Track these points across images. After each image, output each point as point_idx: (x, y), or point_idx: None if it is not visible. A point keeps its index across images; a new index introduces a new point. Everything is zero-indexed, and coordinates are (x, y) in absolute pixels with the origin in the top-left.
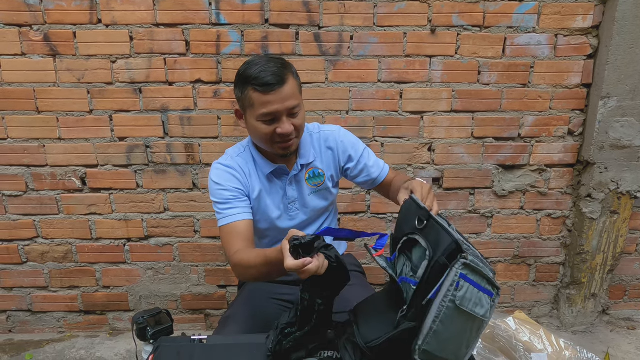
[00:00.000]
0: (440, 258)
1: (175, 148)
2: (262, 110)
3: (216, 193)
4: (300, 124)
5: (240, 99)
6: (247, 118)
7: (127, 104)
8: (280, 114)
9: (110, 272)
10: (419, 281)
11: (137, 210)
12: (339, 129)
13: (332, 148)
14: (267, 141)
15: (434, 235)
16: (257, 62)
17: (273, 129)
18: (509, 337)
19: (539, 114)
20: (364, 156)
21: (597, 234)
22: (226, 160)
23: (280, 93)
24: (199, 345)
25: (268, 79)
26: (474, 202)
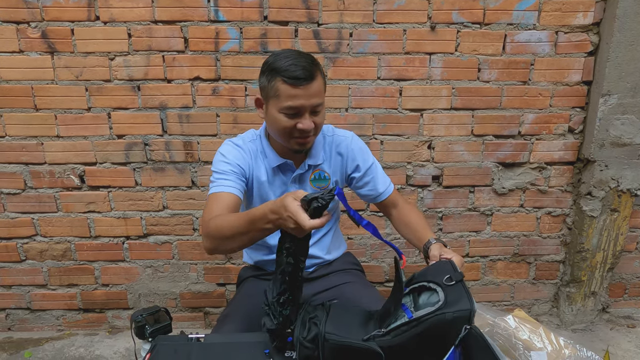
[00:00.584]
0: (449, 314)
1: (174, 146)
2: (288, 103)
3: (218, 163)
4: (321, 122)
5: (264, 87)
6: (269, 108)
7: (125, 102)
8: (304, 110)
9: (109, 270)
10: (414, 318)
11: (135, 208)
12: (352, 136)
13: (341, 154)
14: (285, 134)
15: (455, 294)
16: (288, 55)
17: (294, 123)
18: (508, 335)
19: (539, 112)
20: (372, 169)
21: (597, 232)
22: (238, 141)
23: (308, 89)
24: (196, 344)
25: (298, 73)
26: (474, 200)
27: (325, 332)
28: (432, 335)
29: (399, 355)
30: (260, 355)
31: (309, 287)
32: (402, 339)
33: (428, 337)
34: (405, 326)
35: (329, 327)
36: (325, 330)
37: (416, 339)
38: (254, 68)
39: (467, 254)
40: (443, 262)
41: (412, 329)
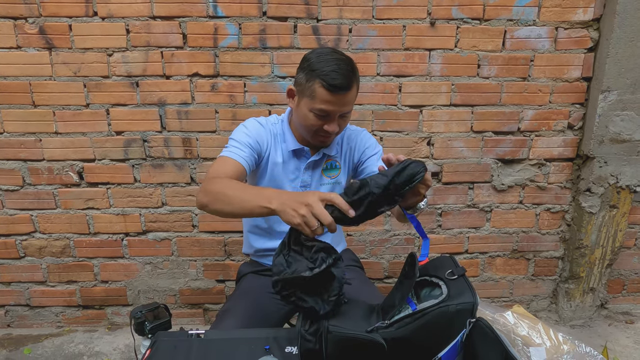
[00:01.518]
0: (452, 306)
1: (173, 142)
2: (321, 106)
3: (238, 133)
4: (345, 125)
5: (301, 84)
6: (301, 104)
7: (124, 98)
8: (334, 115)
9: (108, 267)
10: (418, 310)
11: (134, 204)
12: (362, 130)
13: (352, 146)
14: (310, 131)
15: (458, 288)
16: (331, 59)
17: (322, 124)
18: (507, 331)
19: (539, 108)
20: (377, 156)
21: (596, 228)
22: (262, 120)
23: (344, 98)
24: (196, 340)
25: (338, 82)
26: (473, 196)
27: (329, 325)
28: (435, 327)
29: (401, 347)
30: (260, 351)
31: None
32: (405, 331)
33: (431, 329)
34: (409, 318)
35: (332, 320)
36: (329, 322)
37: (419, 331)
38: (252, 64)
39: (467, 250)
40: (444, 257)
41: (416, 321)
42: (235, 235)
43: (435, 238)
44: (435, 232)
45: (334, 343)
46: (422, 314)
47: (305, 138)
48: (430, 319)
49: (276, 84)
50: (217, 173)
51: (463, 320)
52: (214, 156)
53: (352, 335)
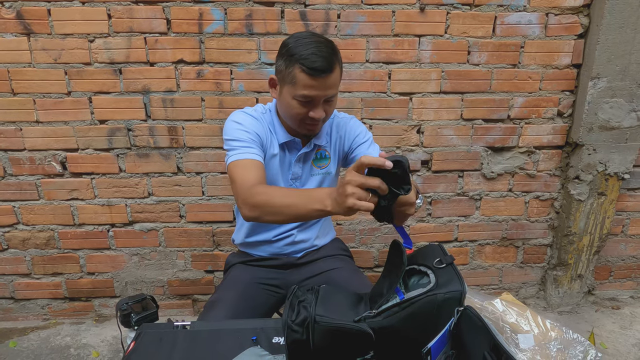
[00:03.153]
0: (440, 294)
1: (158, 131)
2: (303, 92)
3: (234, 132)
4: (332, 110)
5: (281, 71)
6: (283, 92)
7: (106, 86)
8: (319, 100)
9: (94, 258)
10: (406, 299)
11: (120, 195)
12: (351, 118)
13: (341, 135)
14: (295, 119)
15: (446, 277)
16: (309, 42)
17: (306, 111)
18: (495, 319)
19: (529, 95)
20: (367, 144)
21: (585, 216)
22: (251, 111)
23: (326, 81)
24: (182, 332)
25: (318, 64)
26: (463, 184)
27: (316, 315)
28: (422, 316)
29: (389, 337)
30: (247, 342)
31: (296, 273)
32: (393, 320)
33: (419, 318)
34: (397, 307)
35: (319, 310)
36: (316, 312)
37: (407, 320)
38: (239, 51)
39: (456, 239)
40: (433, 246)
41: (404, 310)
42: (223, 225)
43: (425, 227)
44: (425, 221)
45: (321, 333)
46: (410, 302)
47: (293, 128)
48: (418, 307)
49: (263, 71)
50: (248, 181)
51: (451, 308)
52: (201, 145)
53: (339, 325)
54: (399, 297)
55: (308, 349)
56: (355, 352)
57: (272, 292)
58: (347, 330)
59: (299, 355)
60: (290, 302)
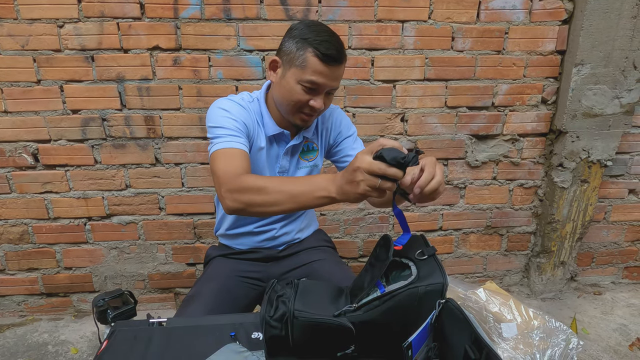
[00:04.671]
0: (421, 287)
1: (134, 121)
2: (312, 78)
3: (220, 119)
4: (329, 104)
5: (290, 53)
6: (287, 75)
7: (78, 74)
8: (322, 89)
9: (71, 253)
10: (387, 292)
11: (96, 187)
12: (336, 108)
13: (327, 126)
14: (293, 106)
15: (428, 269)
16: (322, 30)
17: (308, 98)
18: (479, 308)
19: (513, 82)
20: (352, 138)
21: (568, 203)
22: (238, 99)
23: (335, 71)
24: (157, 329)
25: (333, 52)
26: (448, 173)
27: (295, 310)
28: (404, 309)
29: (370, 331)
30: (226, 338)
31: (278, 265)
32: (373, 314)
33: (400, 311)
34: (378, 301)
35: (297, 305)
36: (295, 307)
37: (388, 314)
38: (217, 37)
39: (441, 227)
40: (414, 237)
41: (385, 304)
42: (204, 217)
43: (410, 216)
44: (410, 210)
45: (300, 328)
46: (391, 296)
47: (286, 117)
48: (399, 301)
49: (242, 58)
50: (234, 169)
51: (432, 301)
52: (179, 135)
53: (319, 320)
54: (379, 291)
55: (287, 344)
56: (336, 347)
57: (252, 286)
58: (327, 325)
59: (278, 351)
60: (268, 297)
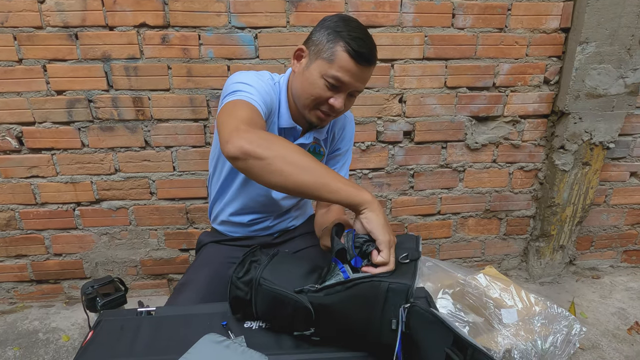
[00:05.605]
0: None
1: (122, 102)
2: (338, 74)
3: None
4: (350, 107)
5: (319, 43)
6: (312, 66)
7: (62, 52)
8: (346, 89)
9: (60, 239)
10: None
11: (84, 171)
12: (351, 119)
13: (336, 133)
14: (311, 101)
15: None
16: (359, 26)
17: (329, 95)
18: (479, 294)
19: (515, 62)
20: (344, 158)
21: (568, 186)
22: (266, 79)
23: (364, 72)
24: (146, 319)
25: (365, 51)
26: (446, 156)
27: (261, 277)
28: (364, 300)
29: (329, 316)
30: (217, 328)
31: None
32: (334, 299)
33: (360, 301)
34: (340, 286)
35: (266, 273)
36: (262, 275)
37: (348, 302)
38: (207, 13)
39: (439, 212)
40: (409, 237)
41: (346, 290)
42: (197, 202)
43: (407, 200)
44: (408, 194)
45: (262, 296)
46: (353, 283)
47: (302, 111)
48: (360, 290)
49: (234, 36)
50: (255, 122)
51: (396, 301)
52: (169, 117)
53: (279, 292)
54: (343, 276)
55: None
56: (295, 325)
57: None
58: (287, 300)
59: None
60: (243, 258)
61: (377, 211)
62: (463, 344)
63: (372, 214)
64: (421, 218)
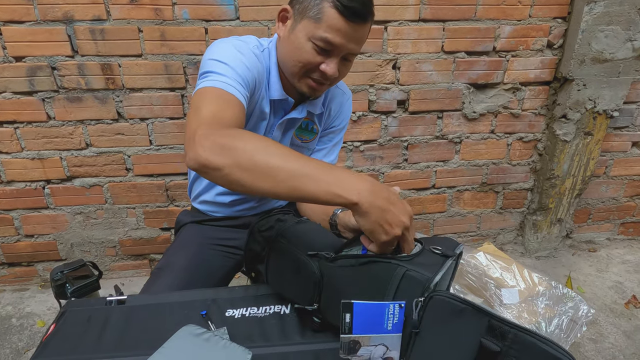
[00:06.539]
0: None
1: (90, 69)
2: (326, 35)
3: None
4: (345, 74)
5: (304, 1)
6: (297, 29)
7: (17, 13)
8: (339, 52)
9: (31, 219)
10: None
11: (52, 146)
12: (350, 97)
13: (332, 110)
14: (300, 69)
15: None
16: None
17: (319, 61)
18: (479, 274)
19: (517, 23)
20: (337, 137)
21: (569, 157)
22: (253, 47)
23: (358, 30)
24: (116, 309)
25: (357, 5)
26: (442, 126)
27: (280, 235)
28: (374, 281)
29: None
30: (196, 318)
31: None
32: (344, 272)
33: (370, 282)
34: (354, 260)
35: (287, 233)
36: (283, 234)
37: (357, 279)
38: None
39: (434, 185)
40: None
41: (360, 266)
42: (177, 178)
43: (401, 173)
44: (401, 167)
45: (275, 255)
46: (369, 259)
47: (291, 81)
48: (373, 269)
49: None
50: (226, 116)
51: (409, 292)
52: (143, 86)
53: (292, 252)
54: (362, 252)
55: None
56: (299, 296)
57: (229, 255)
58: (297, 262)
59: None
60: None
61: (366, 213)
62: (502, 329)
63: (361, 218)
64: (415, 192)
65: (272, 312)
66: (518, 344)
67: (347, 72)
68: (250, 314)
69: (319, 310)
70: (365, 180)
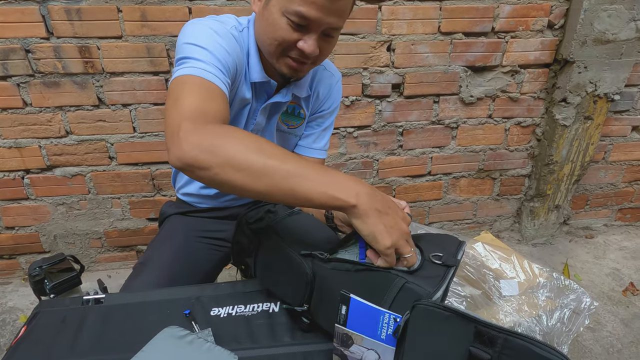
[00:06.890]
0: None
1: (67, 52)
2: (299, 8)
3: (207, 40)
4: (329, 51)
5: None
6: (271, 2)
7: None
8: (317, 27)
9: (10, 211)
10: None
11: (30, 134)
12: (339, 79)
13: (320, 93)
14: (276, 47)
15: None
16: None
17: (296, 38)
18: (477, 266)
19: (517, 3)
20: (327, 121)
21: (568, 143)
22: (230, 27)
23: (335, 2)
24: (93, 308)
25: None
26: (438, 111)
27: (271, 229)
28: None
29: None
30: (178, 318)
31: None
32: (339, 277)
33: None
34: (351, 265)
35: (280, 227)
36: (273, 227)
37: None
38: None
39: (429, 172)
40: (453, 239)
41: (356, 273)
42: (163, 167)
43: (396, 160)
44: (396, 154)
45: (264, 250)
46: (367, 268)
47: (269, 61)
48: (371, 277)
49: None
50: (211, 109)
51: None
52: (124, 70)
53: (284, 249)
54: (360, 258)
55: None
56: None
57: (216, 247)
58: (289, 261)
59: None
60: (259, 206)
61: (365, 216)
62: (490, 335)
63: (360, 222)
64: (410, 179)
65: (261, 310)
66: (509, 349)
67: (330, 49)
68: (237, 313)
69: (309, 311)
70: (363, 183)
